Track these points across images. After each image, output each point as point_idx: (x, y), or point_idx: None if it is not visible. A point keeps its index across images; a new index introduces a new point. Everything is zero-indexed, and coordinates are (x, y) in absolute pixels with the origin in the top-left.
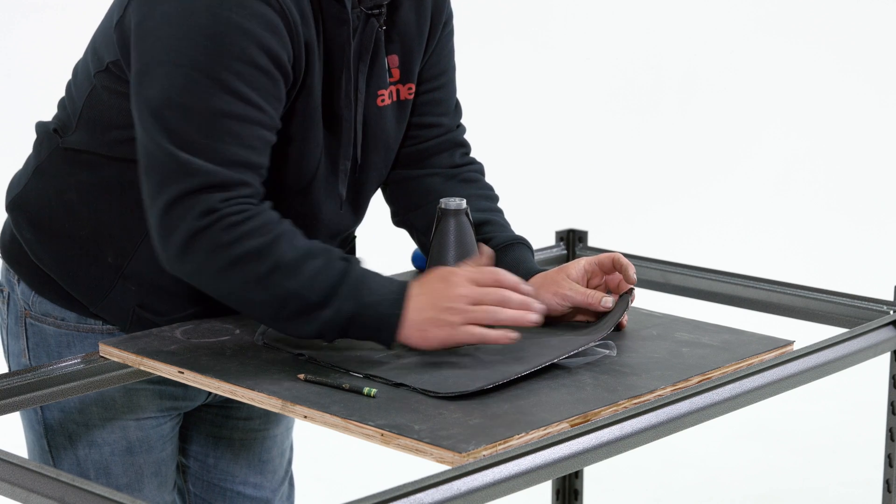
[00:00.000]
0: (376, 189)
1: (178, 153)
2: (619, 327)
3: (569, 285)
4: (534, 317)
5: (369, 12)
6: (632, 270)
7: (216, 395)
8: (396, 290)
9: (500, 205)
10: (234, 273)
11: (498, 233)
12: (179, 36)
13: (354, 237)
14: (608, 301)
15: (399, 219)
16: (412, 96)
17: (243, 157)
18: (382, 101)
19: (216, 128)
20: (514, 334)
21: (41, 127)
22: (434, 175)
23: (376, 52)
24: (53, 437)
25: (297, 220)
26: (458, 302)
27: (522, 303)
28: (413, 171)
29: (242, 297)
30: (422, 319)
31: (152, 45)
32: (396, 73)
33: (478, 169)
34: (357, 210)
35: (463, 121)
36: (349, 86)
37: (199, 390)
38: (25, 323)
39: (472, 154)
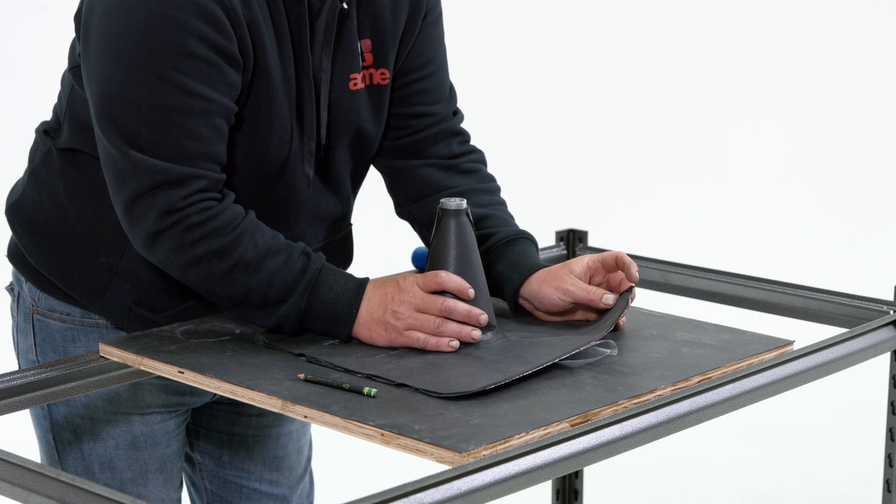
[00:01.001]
0: (356, 173)
1: (130, 151)
2: (616, 327)
3: (571, 281)
4: (476, 333)
5: None
6: (634, 269)
7: None
8: (353, 288)
9: (502, 195)
10: (197, 269)
11: (500, 227)
12: (116, 31)
13: (350, 225)
14: (609, 298)
15: (401, 210)
16: (386, 82)
17: (194, 150)
18: (355, 84)
19: (162, 122)
20: (455, 343)
21: (36, 132)
22: (432, 165)
23: (343, 34)
24: (59, 431)
25: (275, 204)
26: (404, 307)
27: (466, 314)
28: (411, 161)
29: (206, 289)
30: (370, 319)
31: (95, 41)
32: (369, 57)
33: (478, 158)
34: (336, 192)
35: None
36: (307, 66)
37: None
38: (33, 319)
39: (477, 139)
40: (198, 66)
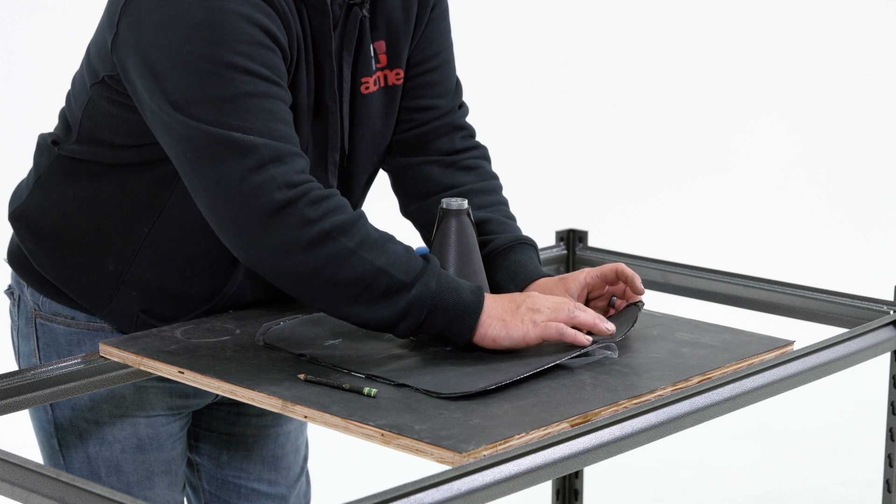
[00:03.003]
0: (368, 177)
1: (231, 133)
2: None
3: None
4: (609, 326)
5: (351, 2)
6: (638, 281)
7: None
8: (475, 285)
9: (505, 193)
10: (323, 248)
11: (498, 234)
12: (179, 37)
13: None
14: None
15: (404, 209)
16: (400, 81)
17: (284, 132)
18: (367, 88)
19: (248, 109)
20: (588, 338)
21: (42, 138)
22: (432, 163)
23: (361, 41)
24: (64, 435)
25: None
26: (542, 305)
27: (594, 315)
28: (413, 157)
29: (327, 276)
30: (504, 311)
31: (156, 57)
32: (384, 59)
33: (480, 154)
34: (349, 198)
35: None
36: (331, 76)
37: None
38: (36, 323)
39: (478, 139)
40: (265, 52)
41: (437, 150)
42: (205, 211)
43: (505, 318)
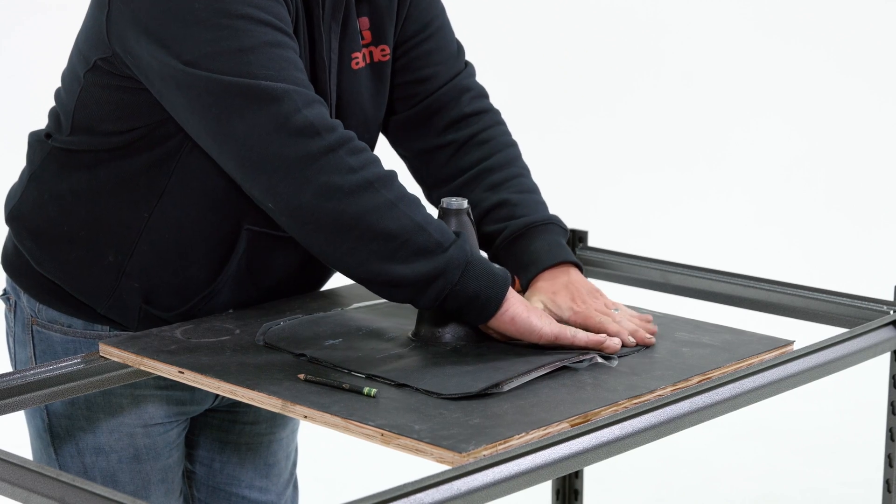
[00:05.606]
0: None
1: (259, 82)
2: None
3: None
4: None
5: None
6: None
7: (222, 399)
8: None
9: (524, 159)
10: (365, 196)
11: (506, 220)
12: (183, 1)
13: None
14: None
15: (428, 197)
16: (387, 58)
17: (305, 80)
18: (357, 63)
19: (270, 58)
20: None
21: (33, 136)
22: (445, 146)
23: (347, 14)
24: (60, 445)
25: None
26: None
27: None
28: (429, 139)
29: (369, 224)
30: (525, 300)
31: (161, 22)
32: (368, 35)
33: (492, 121)
34: None
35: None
36: (320, 47)
37: (206, 395)
38: (32, 330)
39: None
40: (274, 5)
41: (447, 120)
42: (236, 165)
43: (527, 304)
